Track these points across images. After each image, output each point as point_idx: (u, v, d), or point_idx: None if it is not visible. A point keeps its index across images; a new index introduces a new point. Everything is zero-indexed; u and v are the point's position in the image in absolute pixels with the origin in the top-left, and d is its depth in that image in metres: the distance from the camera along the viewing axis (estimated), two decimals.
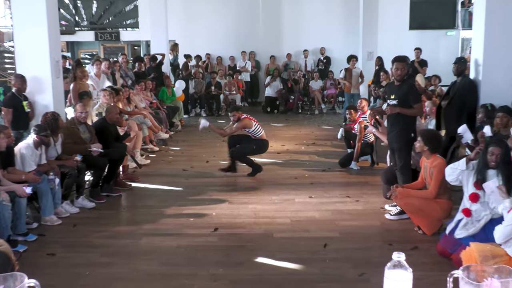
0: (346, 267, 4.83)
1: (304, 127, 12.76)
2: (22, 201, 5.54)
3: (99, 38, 17.62)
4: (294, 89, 15.46)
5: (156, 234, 5.73)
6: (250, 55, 16.94)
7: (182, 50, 16.12)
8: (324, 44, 16.77)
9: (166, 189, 7.50)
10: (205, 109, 14.88)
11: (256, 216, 6.28)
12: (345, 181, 7.91)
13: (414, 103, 5.98)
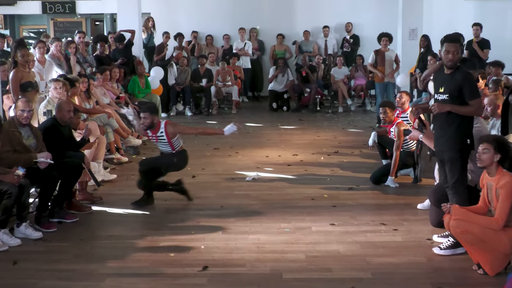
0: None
1: (323, 130, 12.76)
2: None
3: (48, 11, 17.67)
4: (311, 79, 15.35)
5: (125, 275, 5.70)
6: (251, 33, 16.94)
7: (160, 27, 16.14)
8: (351, 19, 16.72)
9: (137, 214, 7.52)
10: (191, 106, 14.86)
11: (260, 250, 6.25)
12: (379, 203, 7.91)
13: (471, 98, 5.85)
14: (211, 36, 16.90)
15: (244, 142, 11.43)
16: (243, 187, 8.56)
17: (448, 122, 5.97)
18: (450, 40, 6.03)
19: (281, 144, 11.19)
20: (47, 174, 6.94)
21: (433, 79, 6.46)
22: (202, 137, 11.91)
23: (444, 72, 6.03)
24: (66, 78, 9.36)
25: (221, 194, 8.20)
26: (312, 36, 17.03)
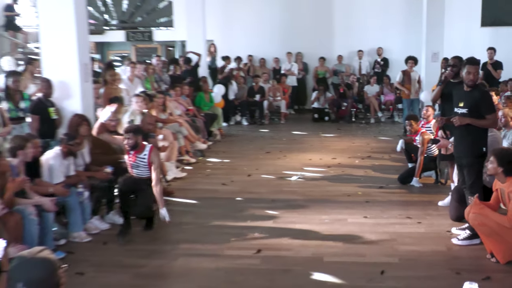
0: None
1: (358, 138, 12.67)
2: (49, 216, 5.71)
3: (131, 38, 17.93)
4: (347, 95, 15.26)
5: (193, 255, 5.78)
6: (296, 56, 16.92)
7: (222, 51, 16.25)
8: (382, 44, 16.56)
9: (203, 205, 7.57)
10: (247, 117, 14.94)
11: (304, 237, 6.26)
12: (406, 199, 7.82)
13: (488, 113, 5.82)
14: (263, 59, 16.95)
15: (291, 147, 11.44)
16: (290, 185, 8.57)
17: (467, 131, 5.92)
18: (471, 63, 5.98)
19: (322, 149, 11.16)
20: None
21: (454, 95, 6.39)
22: (256, 142, 12.02)
23: (464, 89, 5.99)
24: (146, 94, 9.51)
25: (272, 190, 8.22)
26: (348, 59, 16.94)
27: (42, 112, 7.31)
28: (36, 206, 5.59)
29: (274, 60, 16.95)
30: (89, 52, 8.16)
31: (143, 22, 17.88)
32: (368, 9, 16.91)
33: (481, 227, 5.46)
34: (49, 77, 7.52)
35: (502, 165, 5.36)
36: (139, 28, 17.84)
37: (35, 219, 5.44)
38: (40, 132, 7.14)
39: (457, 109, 6.02)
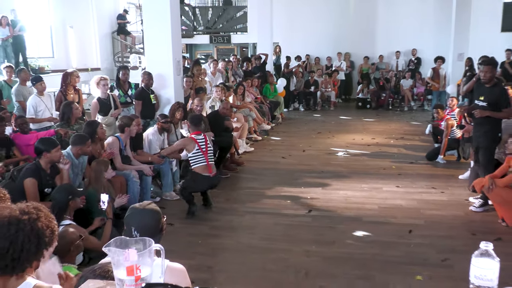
0: (430, 252, 4.67)
1: (393, 122, 12.36)
2: (147, 179, 5.89)
3: (213, 41, 18.08)
4: (386, 87, 15.04)
5: (257, 212, 5.83)
6: (345, 55, 16.65)
7: (285, 52, 16.17)
8: (416, 46, 16.05)
9: (267, 174, 7.59)
10: (303, 104, 14.86)
11: (347, 201, 6.21)
12: (431, 173, 7.60)
13: (505, 106, 5.66)
14: (318, 57, 16.74)
15: (338, 129, 11.29)
16: (337, 159, 8.47)
17: (486, 121, 5.73)
18: (485, 63, 5.75)
19: (363, 131, 10.97)
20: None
21: (475, 89, 6.17)
22: (310, 124, 11.92)
23: (485, 85, 5.75)
24: (224, 85, 9.58)
25: (322, 163, 8.15)
26: (387, 58, 16.51)
27: (144, 98, 7.46)
28: (138, 171, 5.76)
29: (327, 58, 16.73)
30: (181, 51, 8.26)
31: (223, 28, 17.93)
32: (404, 16, 16.36)
33: (495, 197, 5.32)
34: (150, 70, 7.67)
35: None
36: (220, 33, 17.93)
37: (137, 181, 5.62)
38: (142, 114, 7.30)
39: (478, 102, 5.84)
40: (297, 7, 17.05)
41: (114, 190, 5.13)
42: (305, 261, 4.52)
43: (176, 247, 4.74)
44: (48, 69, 12.09)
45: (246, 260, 4.59)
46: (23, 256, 1.94)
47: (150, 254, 1.57)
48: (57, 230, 2.14)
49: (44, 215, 2.03)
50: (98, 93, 7.12)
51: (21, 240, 1.93)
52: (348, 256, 4.62)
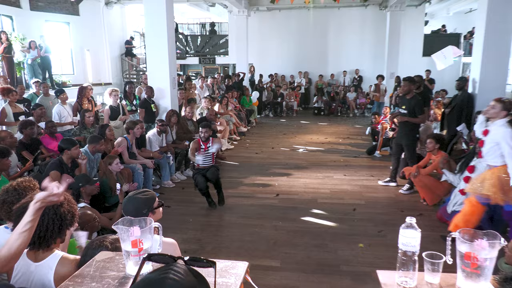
0: (369, 225, 4.72)
1: (341, 125, 12.47)
2: (150, 171, 5.81)
3: (202, 62, 17.95)
4: (336, 99, 15.14)
5: (237, 196, 5.81)
6: (304, 74, 16.68)
7: (258, 70, 16.15)
8: (358, 66, 16.24)
9: (244, 166, 7.57)
10: (272, 111, 14.84)
11: (306, 187, 6.24)
12: (370, 165, 7.67)
13: (419, 114, 5.82)
14: (283, 75, 16.76)
15: (299, 131, 11.33)
16: (298, 154, 8.49)
17: (406, 124, 5.90)
18: (403, 79, 6.05)
19: (318, 132, 11.04)
20: None
21: (398, 100, 6.40)
22: (278, 127, 11.94)
23: (406, 97, 5.91)
24: (210, 96, 9.51)
25: (286, 157, 8.17)
26: (337, 76, 16.59)
27: (147, 107, 7.37)
28: (142, 164, 5.67)
29: (290, 76, 16.75)
30: (175, 70, 8.18)
31: (210, 51, 17.82)
32: (349, 43, 16.56)
33: (418, 182, 5.40)
34: (151, 85, 7.57)
35: (438, 143, 5.37)
36: (207, 56, 17.80)
37: (141, 173, 5.53)
38: (145, 119, 7.21)
39: (401, 110, 6.00)
40: (267, 36, 17.06)
41: (123, 179, 5.05)
42: (274, 234, 4.53)
43: (172, 225, 4.70)
44: (69, 83, 11.92)
45: (228, 234, 4.57)
46: (48, 235, 1.92)
47: (150, 231, 1.55)
48: (78, 213, 2.09)
49: (66, 201, 2.00)
50: (110, 101, 7.01)
51: (46, 223, 1.91)
52: (307, 230, 4.65)
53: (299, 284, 3.49)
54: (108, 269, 1.54)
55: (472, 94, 6.96)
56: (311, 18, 15.69)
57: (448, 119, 7.13)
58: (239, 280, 1.44)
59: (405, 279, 1.46)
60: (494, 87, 6.74)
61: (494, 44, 6.65)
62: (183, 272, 0.82)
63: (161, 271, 0.81)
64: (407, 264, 1.46)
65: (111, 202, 4.68)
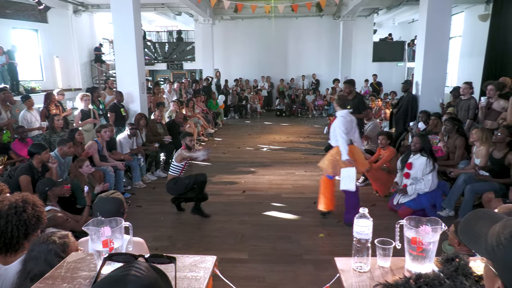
0: (328, 217, 4.80)
1: (302, 126, 12.64)
2: (121, 172, 5.64)
3: (170, 68, 17.68)
4: (296, 101, 15.34)
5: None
6: (267, 78, 16.79)
7: (223, 75, 16.09)
8: (316, 71, 16.53)
9: (212, 165, 7.50)
10: (238, 113, 14.83)
11: (270, 183, 6.27)
12: None
13: (363, 110, 6.24)
14: (248, 80, 16.76)
15: (263, 131, 11.38)
16: (262, 153, 8.53)
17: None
18: (344, 82, 6.53)
19: (280, 132, 11.14)
20: (169, 146, 6.99)
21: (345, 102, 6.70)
22: (243, 128, 11.93)
23: (349, 98, 6.15)
24: (178, 100, 9.37)
25: (251, 156, 8.18)
26: (296, 80, 16.80)
27: (116, 111, 7.16)
28: (113, 166, 5.51)
29: (254, 80, 16.78)
30: (144, 75, 8.00)
31: (177, 58, 17.55)
32: (308, 50, 16.83)
33: (371, 175, 5.54)
34: (121, 90, 7.37)
35: (389, 139, 5.60)
36: (175, 62, 17.54)
37: (112, 174, 5.37)
38: (115, 123, 7.00)
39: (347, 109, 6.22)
40: (232, 43, 17.02)
41: (95, 181, 4.88)
42: (241, 228, 4.52)
43: (144, 223, 4.59)
44: (39, 89, 11.37)
45: (198, 230, 4.52)
46: (13, 241, 1.86)
47: (121, 230, 1.50)
48: (44, 215, 2.00)
49: (30, 206, 1.91)
50: (81, 106, 6.78)
51: (10, 230, 1.85)
52: (272, 223, 4.67)
53: (265, 274, 3.51)
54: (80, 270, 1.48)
55: (416, 95, 7.26)
56: (272, 26, 15.78)
57: (396, 118, 7.39)
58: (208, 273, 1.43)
59: (360, 265, 1.50)
60: (434, 88, 7.06)
61: (433, 51, 6.97)
62: (144, 269, 0.80)
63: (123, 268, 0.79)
64: (361, 251, 1.50)
65: (83, 204, 4.50)
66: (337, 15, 15.22)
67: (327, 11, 15.15)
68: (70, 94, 11.25)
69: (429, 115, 6.55)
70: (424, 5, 6.95)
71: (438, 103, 6.87)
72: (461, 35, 13.33)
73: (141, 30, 7.99)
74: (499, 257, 0.73)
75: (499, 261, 0.73)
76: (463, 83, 6.34)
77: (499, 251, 0.73)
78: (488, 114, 5.53)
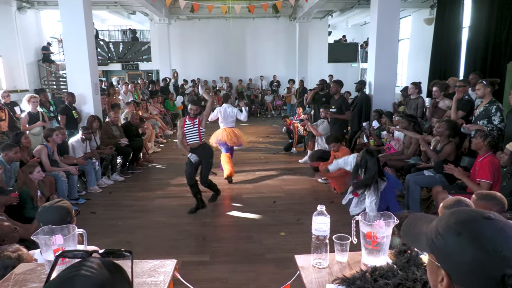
0: (289, 215, 4.87)
1: (261, 126, 12.74)
2: (74, 177, 5.39)
3: (125, 68, 17.15)
4: (255, 101, 15.43)
5: (165, 197, 5.66)
6: (225, 78, 16.74)
7: (181, 76, 15.84)
8: (274, 72, 16.68)
9: (171, 168, 7.38)
10: None
11: (231, 184, 6.26)
12: (288, 160, 7.92)
13: (346, 110, 6.50)
14: (206, 80, 16.66)
15: None
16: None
17: (336, 121, 6.44)
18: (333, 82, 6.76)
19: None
20: (125, 149, 6.78)
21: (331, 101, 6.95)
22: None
23: (334, 97, 6.33)
24: (134, 101, 9.12)
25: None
26: (255, 80, 16.88)
27: (68, 113, 6.84)
28: (65, 171, 5.25)
29: (212, 81, 16.67)
30: (98, 76, 7.69)
31: (132, 58, 17.07)
32: (265, 51, 16.98)
33: (328, 174, 5.67)
34: (72, 91, 7.05)
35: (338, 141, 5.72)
36: (130, 62, 17.04)
37: (65, 180, 5.12)
38: (67, 126, 6.69)
39: (331, 109, 6.42)
40: (189, 43, 16.81)
41: (45, 188, 4.62)
42: (203, 230, 4.47)
43: (100, 230, 4.42)
44: None
45: (158, 234, 4.42)
46: None
47: (74, 238, 1.44)
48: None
49: None
50: (29, 108, 6.40)
51: None
52: (233, 223, 4.67)
53: (228, 275, 3.50)
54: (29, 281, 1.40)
55: (369, 95, 7.55)
56: (229, 27, 15.74)
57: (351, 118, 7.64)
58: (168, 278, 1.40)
59: (319, 261, 1.54)
60: (386, 88, 7.38)
61: (384, 52, 7.28)
62: (96, 267, 0.76)
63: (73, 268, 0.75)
64: (320, 247, 1.54)
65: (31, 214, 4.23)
66: (293, 16, 15.49)
67: (283, 12, 15.37)
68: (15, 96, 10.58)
69: (381, 114, 6.83)
70: (375, 8, 7.24)
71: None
72: (409, 37, 14.05)
73: (93, 28, 7.69)
74: (439, 247, 0.78)
75: (440, 251, 0.78)
76: (410, 83, 6.67)
77: (438, 242, 0.78)
78: (435, 112, 5.87)
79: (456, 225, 0.77)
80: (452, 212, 0.81)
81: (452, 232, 0.76)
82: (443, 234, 0.77)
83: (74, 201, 5.28)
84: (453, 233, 0.76)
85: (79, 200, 5.38)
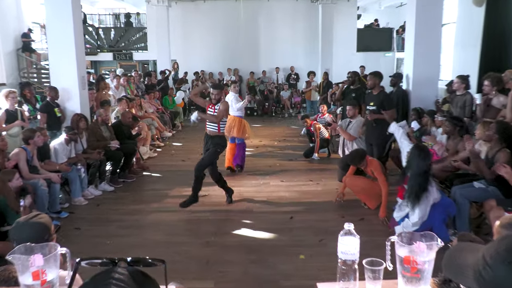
0: (309, 234, 4.84)
1: (276, 127, 12.76)
2: (56, 186, 5.47)
3: (116, 58, 17.41)
4: (269, 97, 15.44)
5: (161, 211, 5.68)
6: (234, 71, 16.83)
7: (182, 68, 15.98)
8: (293, 63, 16.70)
9: (169, 176, 7.42)
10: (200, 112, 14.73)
11: (240, 196, 6.25)
12: (308, 168, 7.89)
13: (389, 109, 5.99)
14: (211, 72, 16.78)
15: None
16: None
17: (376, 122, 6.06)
18: (371, 74, 6.23)
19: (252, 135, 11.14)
20: (116, 153, 6.85)
21: (366, 97, 6.58)
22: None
23: (372, 93, 6.12)
24: (127, 97, 9.23)
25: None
26: (269, 72, 16.95)
27: (49, 111, 6.97)
28: (46, 179, 5.33)
29: (219, 73, 16.78)
30: (85, 67, 7.82)
31: (126, 46, 17.33)
32: (282, 38, 17.01)
33: (353, 187, 5.63)
34: (55, 85, 7.18)
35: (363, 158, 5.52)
36: (122, 51, 17.28)
37: (45, 189, 5.19)
38: (48, 126, 6.82)
39: (369, 107, 6.16)
40: (192, 29, 16.96)
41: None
42: (206, 251, 4.48)
43: (85, 249, 4.46)
44: None
45: (153, 255, 4.39)
46: None
47: (56, 258, 1.45)
48: None
49: None
50: (6, 105, 6.54)
51: None
52: (242, 244, 4.66)
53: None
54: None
55: (406, 91, 7.48)
56: (239, 10, 15.85)
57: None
58: None
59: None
60: (427, 82, 7.31)
61: (424, 39, 7.22)
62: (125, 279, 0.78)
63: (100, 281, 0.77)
64: (348, 274, 1.52)
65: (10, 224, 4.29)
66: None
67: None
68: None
69: (421, 113, 6.76)
70: None
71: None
72: (455, 21, 13.90)
73: (80, 12, 7.84)
74: (488, 280, 0.76)
75: (490, 284, 0.76)
76: (456, 76, 6.58)
77: (486, 274, 0.76)
78: (487, 111, 5.77)
79: (507, 253, 0.75)
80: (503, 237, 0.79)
81: (502, 260, 0.75)
82: (491, 264, 0.75)
83: (56, 214, 5.35)
84: (503, 262, 0.74)
85: (61, 214, 5.44)
